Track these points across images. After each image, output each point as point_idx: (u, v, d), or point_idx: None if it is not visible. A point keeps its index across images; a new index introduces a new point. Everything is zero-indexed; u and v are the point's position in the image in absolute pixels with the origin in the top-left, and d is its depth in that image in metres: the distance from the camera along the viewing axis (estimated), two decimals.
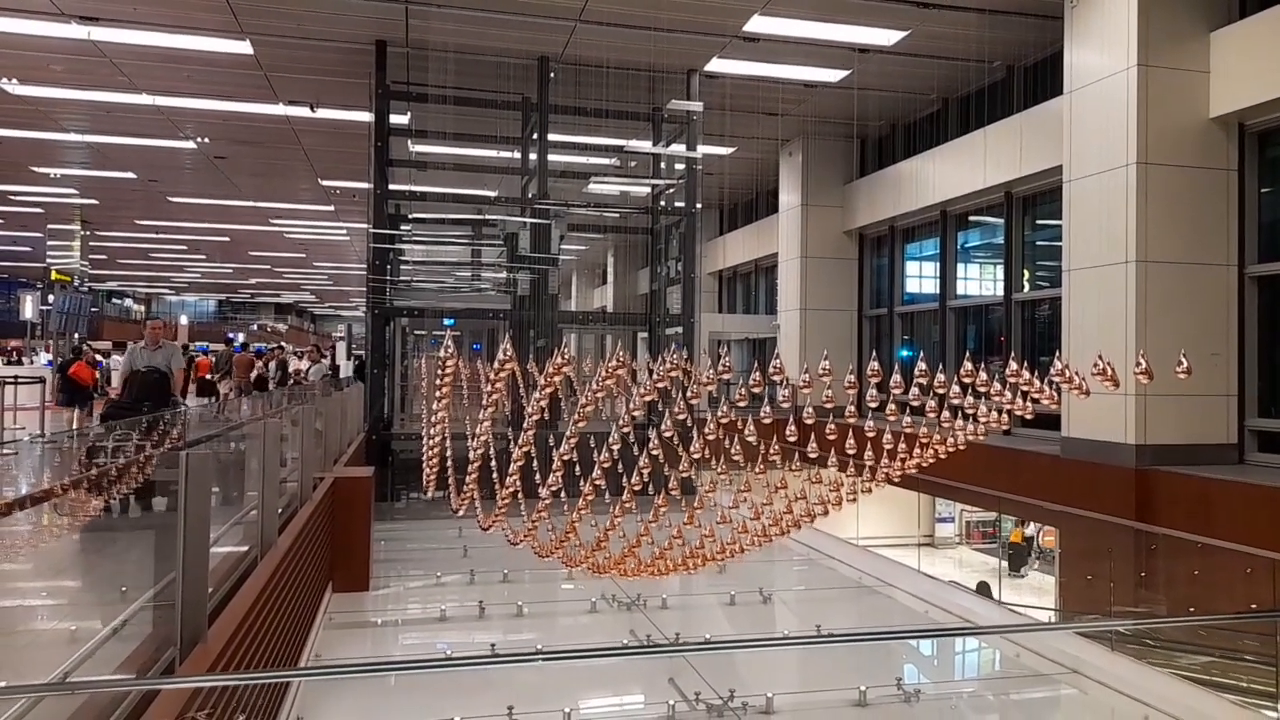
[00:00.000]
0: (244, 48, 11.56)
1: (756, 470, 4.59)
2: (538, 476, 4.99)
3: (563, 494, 4.89)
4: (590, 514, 4.86)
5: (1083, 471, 9.33)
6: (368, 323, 12.75)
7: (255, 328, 57.35)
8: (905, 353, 15.02)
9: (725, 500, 4.86)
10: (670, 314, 13.39)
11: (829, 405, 3.80)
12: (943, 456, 4.48)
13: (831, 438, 4.25)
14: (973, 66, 12.14)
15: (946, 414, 4.24)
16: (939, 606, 6.85)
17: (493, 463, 5.44)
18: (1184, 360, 3.65)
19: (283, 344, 36.23)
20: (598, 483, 4.55)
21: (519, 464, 4.89)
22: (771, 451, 4.47)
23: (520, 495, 5.07)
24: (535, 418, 4.56)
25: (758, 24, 10.83)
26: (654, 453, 4.30)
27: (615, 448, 4.31)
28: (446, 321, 13.42)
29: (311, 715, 4.60)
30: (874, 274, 16.28)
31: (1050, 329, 11.44)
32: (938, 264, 14.24)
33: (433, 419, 5.94)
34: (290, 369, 23.20)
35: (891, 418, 4.02)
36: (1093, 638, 5.69)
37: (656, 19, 10.62)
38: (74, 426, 15.54)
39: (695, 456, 4.26)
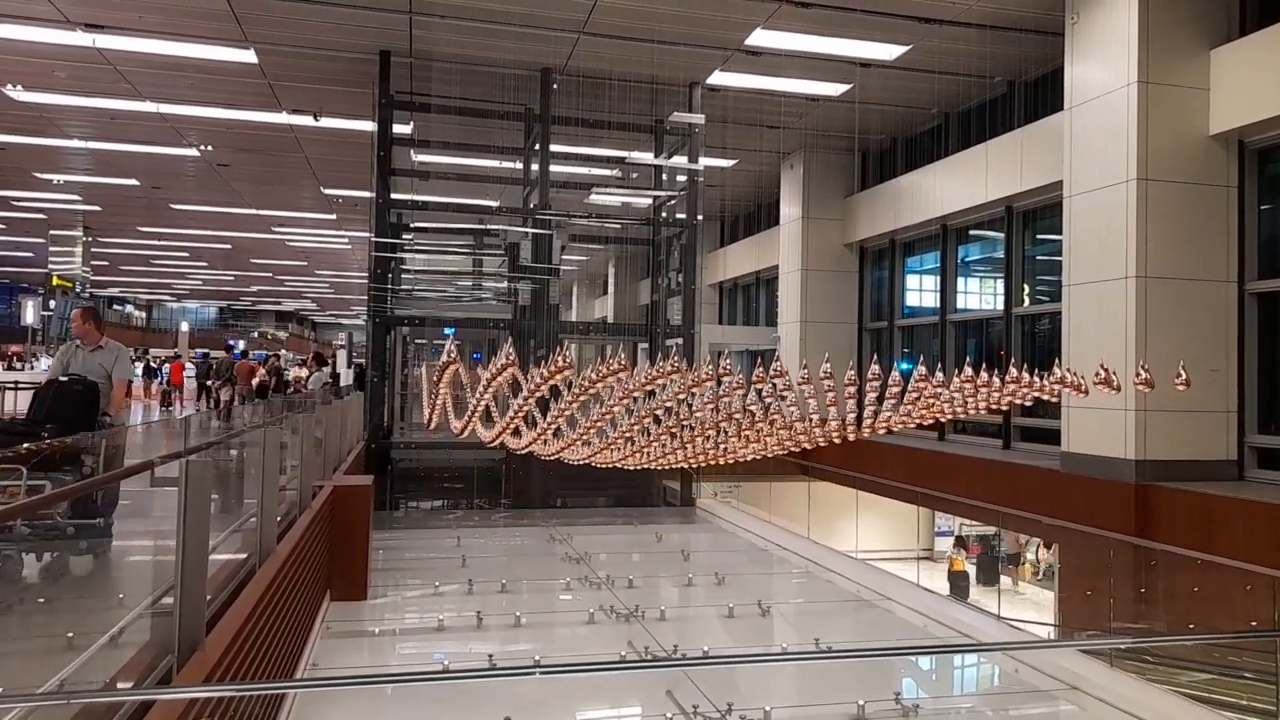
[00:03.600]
0: (248, 56, 11.61)
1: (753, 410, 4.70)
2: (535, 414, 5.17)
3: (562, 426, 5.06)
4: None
5: (1082, 487, 9.32)
6: (368, 331, 12.75)
7: (256, 335, 57.40)
8: (905, 366, 14.99)
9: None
10: (670, 325, 13.40)
11: (829, 391, 3.91)
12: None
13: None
14: (974, 81, 12.20)
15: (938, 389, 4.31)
16: (938, 621, 6.83)
17: (492, 406, 5.62)
18: (1183, 372, 3.66)
19: (279, 351, 36.26)
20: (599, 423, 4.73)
21: (520, 413, 5.03)
22: (771, 411, 4.58)
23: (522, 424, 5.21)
24: (537, 394, 4.71)
25: (760, 38, 10.88)
26: (657, 412, 4.43)
27: (617, 409, 4.45)
28: (447, 331, 13.44)
29: None
30: (874, 287, 16.29)
31: (1050, 343, 11.45)
32: (938, 278, 14.26)
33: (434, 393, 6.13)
34: (290, 377, 23.19)
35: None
36: (1092, 654, 5.67)
37: (659, 32, 10.67)
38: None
39: (697, 414, 4.40)
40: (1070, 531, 8.52)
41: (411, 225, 13.76)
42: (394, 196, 12.47)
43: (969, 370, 4.05)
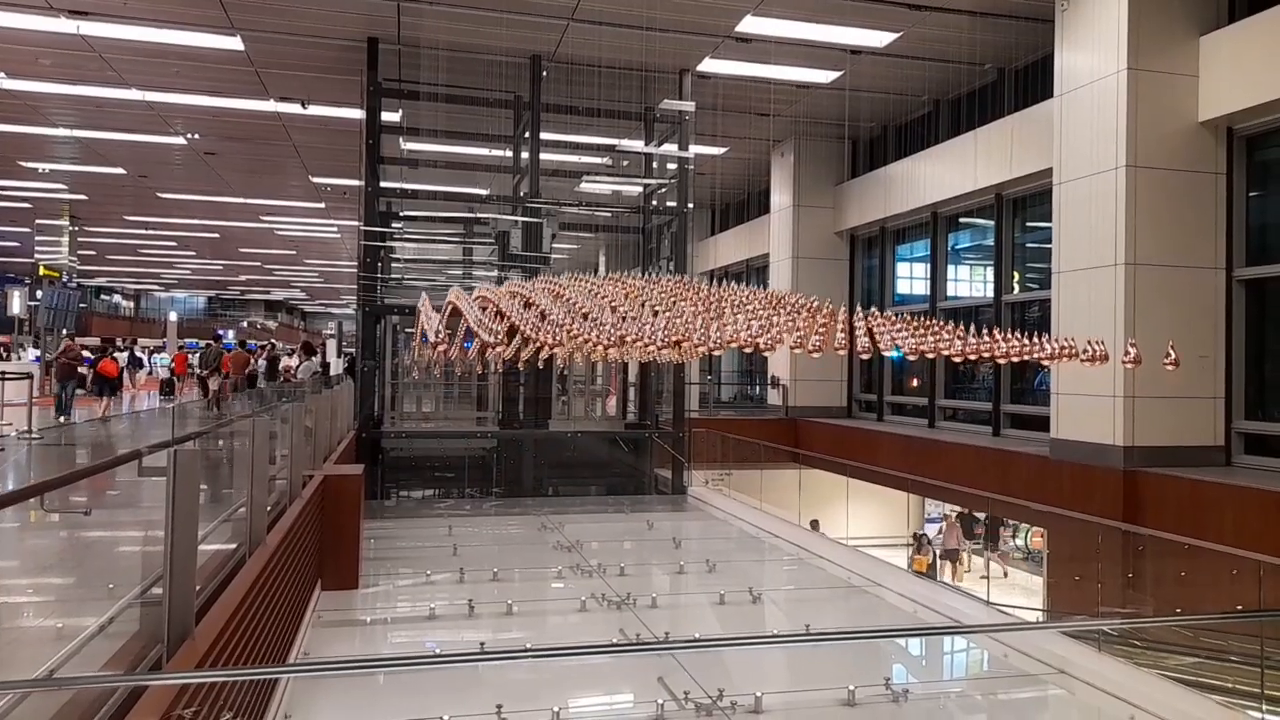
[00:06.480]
0: (235, 43, 11.51)
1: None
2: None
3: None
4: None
5: (1071, 473, 9.38)
6: (358, 320, 12.71)
7: (245, 325, 57.13)
8: (895, 354, 15.02)
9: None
10: None
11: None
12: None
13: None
14: (964, 69, 12.20)
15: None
16: (927, 606, 6.87)
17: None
18: (1171, 351, 3.63)
19: (273, 341, 36.14)
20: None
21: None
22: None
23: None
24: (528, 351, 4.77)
25: (750, 24, 10.85)
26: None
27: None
28: None
29: (299, 713, 4.58)
30: (865, 275, 16.32)
31: (1039, 330, 11.50)
32: (928, 265, 14.29)
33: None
34: (280, 366, 23.15)
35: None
36: (1080, 638, 5.71)
37: (649, 18, 10.63)
38: (104, 414, 16.96)
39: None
40: (1059, 517, 8.57)
41: (401, 214, 13.70)
42: (383, 185, 12.41)
43: (958, 343, 4.07)
